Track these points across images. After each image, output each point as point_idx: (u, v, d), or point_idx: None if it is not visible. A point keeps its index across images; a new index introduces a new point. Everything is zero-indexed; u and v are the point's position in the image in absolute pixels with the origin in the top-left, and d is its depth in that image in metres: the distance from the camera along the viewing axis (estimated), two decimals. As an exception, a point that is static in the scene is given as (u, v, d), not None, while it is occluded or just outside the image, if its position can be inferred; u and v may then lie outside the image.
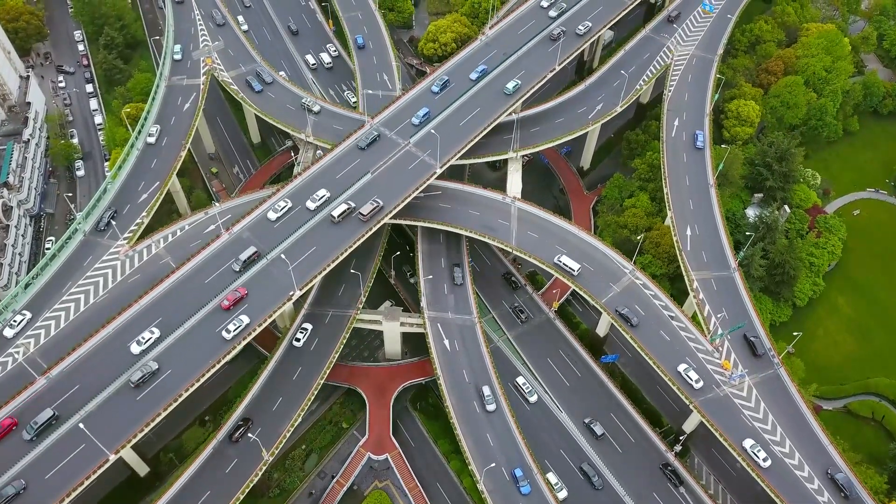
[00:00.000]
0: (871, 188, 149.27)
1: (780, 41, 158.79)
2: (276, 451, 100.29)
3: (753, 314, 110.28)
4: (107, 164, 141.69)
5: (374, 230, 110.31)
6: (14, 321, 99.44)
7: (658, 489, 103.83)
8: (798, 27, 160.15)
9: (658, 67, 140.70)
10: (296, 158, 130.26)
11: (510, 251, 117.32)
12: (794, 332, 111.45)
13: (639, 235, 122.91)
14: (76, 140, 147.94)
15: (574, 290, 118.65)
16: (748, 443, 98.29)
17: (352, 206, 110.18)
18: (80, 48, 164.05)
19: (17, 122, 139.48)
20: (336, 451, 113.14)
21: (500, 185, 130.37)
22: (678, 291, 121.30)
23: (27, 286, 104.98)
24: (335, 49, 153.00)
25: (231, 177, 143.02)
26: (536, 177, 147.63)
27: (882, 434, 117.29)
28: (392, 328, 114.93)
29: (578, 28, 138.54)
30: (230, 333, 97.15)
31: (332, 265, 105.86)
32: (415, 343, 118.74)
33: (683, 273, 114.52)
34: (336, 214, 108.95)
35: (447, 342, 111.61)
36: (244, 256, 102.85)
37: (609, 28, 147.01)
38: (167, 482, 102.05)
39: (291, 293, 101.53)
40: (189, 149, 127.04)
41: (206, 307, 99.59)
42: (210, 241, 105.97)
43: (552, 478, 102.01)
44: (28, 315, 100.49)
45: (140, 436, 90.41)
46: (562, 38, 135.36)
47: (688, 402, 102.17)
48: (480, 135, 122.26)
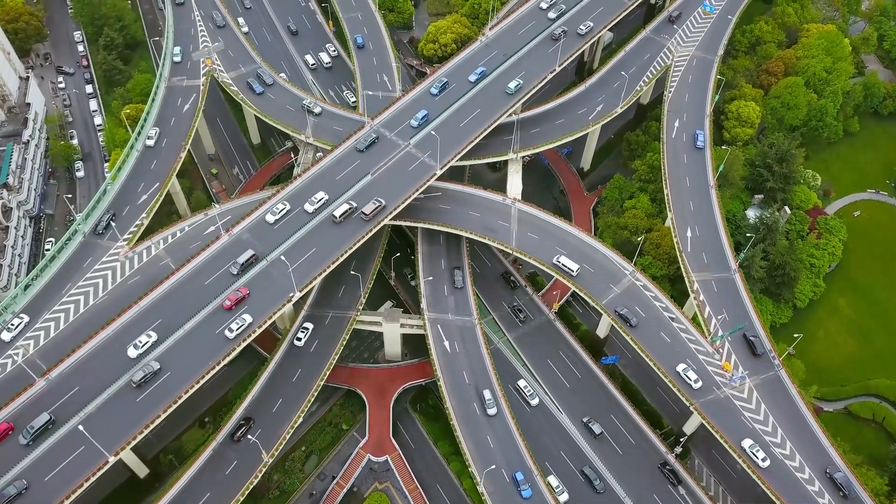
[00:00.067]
0: (872, 189, 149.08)
1: (781, 42, 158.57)
2: (276, 453, 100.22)
3: (754, 316, 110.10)
4: (106, 165, 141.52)
5: (375, 231, 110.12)
6: (11, 325, 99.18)
7: (658, 492, 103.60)
8: (798, 28, 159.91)
9: (658, 68, 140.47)
10: (296, 159, 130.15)
11: (510, 252, 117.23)
12: (795, 334, 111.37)
13: (639, 237, 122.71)
14: (76, 141, 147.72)
15: (574, 292, 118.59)
16: (747, 443, 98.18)
17: (353, 206, 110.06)
18: (80, 49, 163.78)
19: (17, 123, 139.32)
20: (336, 453, 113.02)
21: (501, 187, 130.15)
22: (678, 293, 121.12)
23: (27, 288, 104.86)
24: (334, 49, 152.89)
25: (231, 178, 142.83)
26: (537, 178, 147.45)
27: (883, 435, 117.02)
28: (392, 329, 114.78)
29: (580, 28, 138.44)
30: (233, 332, 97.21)
31: (334, 265, 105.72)
32: (415, 344, 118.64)
33: (684, 274, 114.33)
34: (338, 214, 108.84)
35: (447, 343, 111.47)
36: (242, 259, 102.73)
37: (609, 29, 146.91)
38: (167, 484, 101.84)
39: (291, 294, 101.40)
40: (189, 150, 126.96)
41: (208, 307, 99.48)
42: (210, 243, 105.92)
43: (553, 481, 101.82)
44: (25, 318, 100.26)
45: (140, 438, 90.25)
46: (562, 39, 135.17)
47: (688, 404, 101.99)
48: (481, 135, 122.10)
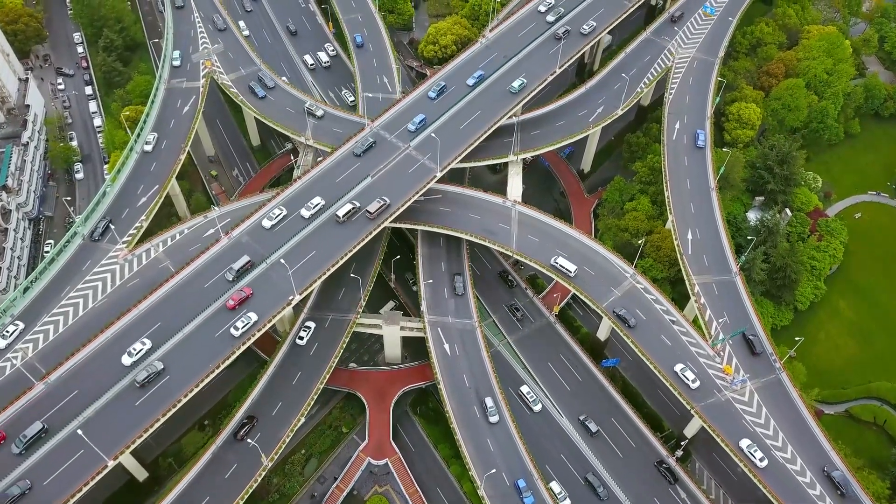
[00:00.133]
0: (873, 191, 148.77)
1: (781, 43, 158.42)
2: (276, 457, 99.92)
3: (755, 318, 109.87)
4: (106, 167, 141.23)
5: (378, 231, 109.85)
6: (6, 332, 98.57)
7: (659, 495, 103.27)
8: (799, 29, 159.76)
9: (659, 70, 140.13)
10: (295, 161, 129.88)
11: (510, 255, 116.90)
12: (796, 337, 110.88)
13: (640, 239, 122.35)
14: (75, 143, 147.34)
15: (575, 294, 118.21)
16: (745, 443, 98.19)
17: (357, 206, 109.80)
18: (80, 50, 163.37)
19: (16, 125, 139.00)
20: (336, 456, 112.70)
21: (501, 188, 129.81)
22: (679, 295, 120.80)
23: (26, 290, 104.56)
24: (333, 49, 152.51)
25: (231, 179, 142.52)
26: (537, 180, 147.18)
27: (884, 439, 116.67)
28: (392, 332, 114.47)
29: (582, 28, 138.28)
30: (238, 330, 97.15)
31: (335, 266, 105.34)
32: (415, 347, 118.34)
33: (684, 277, 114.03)
34: (341, 214, 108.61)
35: (447, 346, 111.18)
36: (237, 266, 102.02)
37: (608, 32, 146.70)
38: (166, 487, 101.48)
39: (291, 297, 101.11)
40: (189, 152, 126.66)
41: (211, 307, 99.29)
42: (209, 246, 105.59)
43: (555, 487, 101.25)
44: (21, 325, 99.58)
45: (139, 441, 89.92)
46: (563, 40, 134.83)
47: (689, 407, 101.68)
48: (481, 137, 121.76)
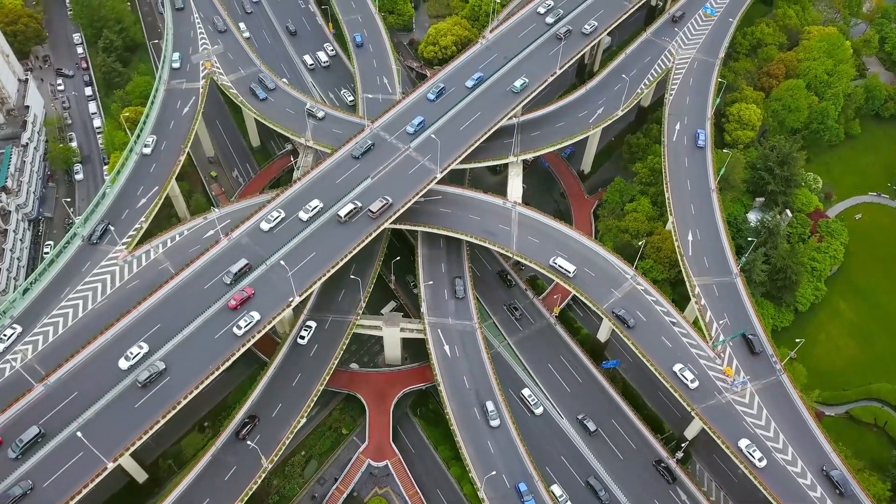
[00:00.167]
0: (873, 192, 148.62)
1: (782, 44, 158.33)
2: (276, 458, 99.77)
3: (755, 320, 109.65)
4: (105, 168, 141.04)
5: (375, 234, 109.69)
6: (3, 335, 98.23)
7: (660, 497, 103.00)
8: (799, 30, 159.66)
9: (659, 71, 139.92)
10: (295, 162, 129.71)
11: (511, 256, 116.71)
12: (797, 339, 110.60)
13: (640, 240, 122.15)
14: (75, 143, 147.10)
15: (575, 295, 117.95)
16: (744, 443, 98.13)
17: (358, 206, 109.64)
18: (79, 51, 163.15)
19: (16, 126, 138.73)
20: (336, 458, 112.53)
21: (501, 189, 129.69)
22: (679, 296, 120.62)
23: (25, 292, 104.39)
24: (332, 48, 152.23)
25: (230, 180, 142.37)
26: (537, 180, 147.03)
27: (885, 440, 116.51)
28: (392, 334, 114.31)
29: (584, 27, 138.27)
30: (241, 330, 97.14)
31: (337, 267, 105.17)
32: (415, 348, 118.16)
33: (685, 278, 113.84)
34: (343, 214, 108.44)
35: (447, 348, 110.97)
36: (235, 269, 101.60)
37: (607, 34, 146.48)
38: (166, 489, 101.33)
39: (291, 299, 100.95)
40: (188, 152, 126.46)
41: (213, 307, 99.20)
42: (209, 247, 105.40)
43: (557, 490, 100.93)
44: (18, 329, 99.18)
45: (139, 443, 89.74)
46: (563, 41, 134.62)
47: (689, 409, 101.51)
48: (482, 138, 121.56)
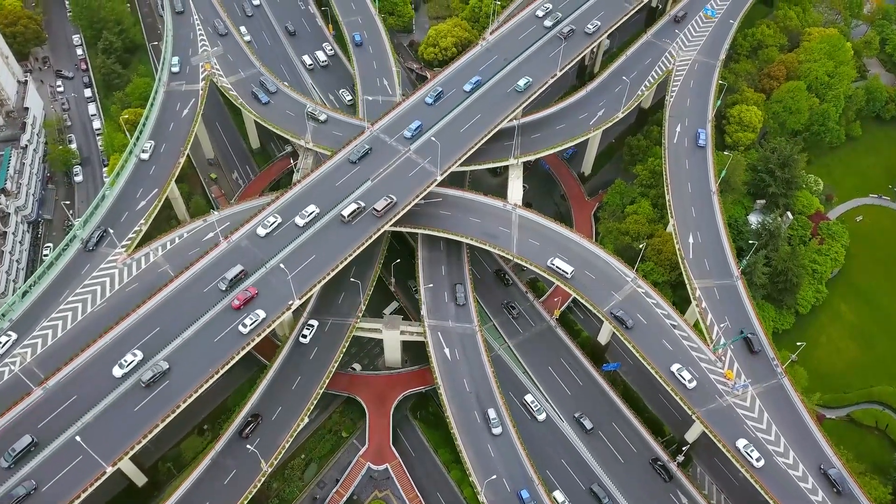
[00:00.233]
0: (874, 194, 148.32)
1: (783, 46, 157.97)
2: (276, 462, 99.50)
3: (756, 323, 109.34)
4: (105, 170, 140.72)
5: (378, 236, 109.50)
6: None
7: (662, 502, 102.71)
8: (800, 31, 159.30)
9: (660, 73, 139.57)
10: (295, 164, 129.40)
11: (511, 259, 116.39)
12: (798, 342, 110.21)
13: (641, 243, 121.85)
14: (74, 145, 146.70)
15: (576, 298, 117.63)
16: (741, 442, 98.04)
17: (361, 206, 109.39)
18: (79, 52, 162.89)
19: (15, 128, 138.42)
20: (336, 461, 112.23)
21: (502, 191, 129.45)
22: (680, 299, 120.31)
23: (24, 294, 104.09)
24: (331, 48, 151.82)
25: (230, 182, 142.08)
26: (537, 183, 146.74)
27: (886, 443, 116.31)
28: (392, 336, 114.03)
29: (587, 27, 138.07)
30: (247, 327, 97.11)
31: (338, 269, 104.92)
32: (415, 351, 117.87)
33: (686, 281, 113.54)
34: (346, 214, 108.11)
35: (447, 351, 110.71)
36: (231, 275, 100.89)
37: (606, 37, 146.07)
38: (165, 493, 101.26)
39: (291, 302, 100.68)
40: (188, 154, 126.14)
41: (216, 308, 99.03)
42: (208, 250, 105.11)
43: (559, 496, 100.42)
44: (14, 336, 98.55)
45: (138, 447, 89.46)
46: (564, 42, 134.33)
47: (690, 413, 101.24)
48: (483, 139, 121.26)
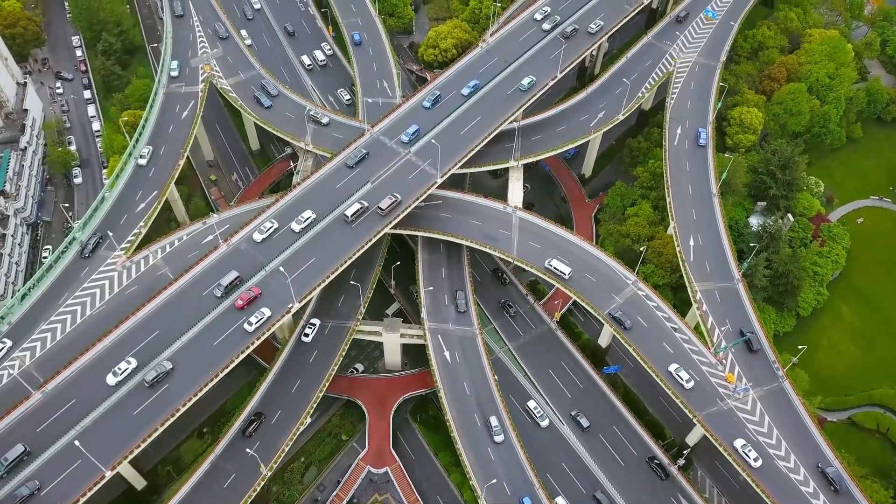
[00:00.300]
0: (875, 196, 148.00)
1: (783, 47, 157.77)
2: (275, 465, 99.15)
3: (757, 326, 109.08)
4: (104, 172, 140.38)
5: (380, 236, 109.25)
6: None
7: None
8: (801, 33, 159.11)
9: (660, 75, 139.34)
10: (295, 167, 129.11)
11: (511, 262, 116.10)
12: (800, 346, 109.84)
13: (641, 245, 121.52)
14: (74, 147, 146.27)
15: (576, 300, 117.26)
16: (739, 442, 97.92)
17: (365, 206, 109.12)
18: (78, 54, 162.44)
19: (14, 130, 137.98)
20: (336, 464, 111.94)
21: (502, 193, 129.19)
22: (681, 301, 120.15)
23: (23, 297, 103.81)
24: (330, 48, 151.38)
25: (230, 184, 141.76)
26: (538, 184, 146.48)
27: (887, 446, 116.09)
28: (392, 339, 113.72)
29: (590, 27, 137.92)
30: (252, 325, 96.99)
31: (338, 271, 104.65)
32: (415, 353, 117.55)
33: (686, 285, 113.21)
34: (349, 213, 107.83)
35: (448, 354, 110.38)
36: (226, 281, 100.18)
37: (606, 39, 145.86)
38: (165, 496, 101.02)
39: (290, 305, 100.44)
40: (188, 156, 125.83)
41: (218, 308, 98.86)
42: (207, 253, 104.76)
43: (561, 502, 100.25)
44: (9, 343, 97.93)
45: (137, 451, 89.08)
46: (564, 44, 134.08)
47: (691, 416, 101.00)
48: (484, 141, 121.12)
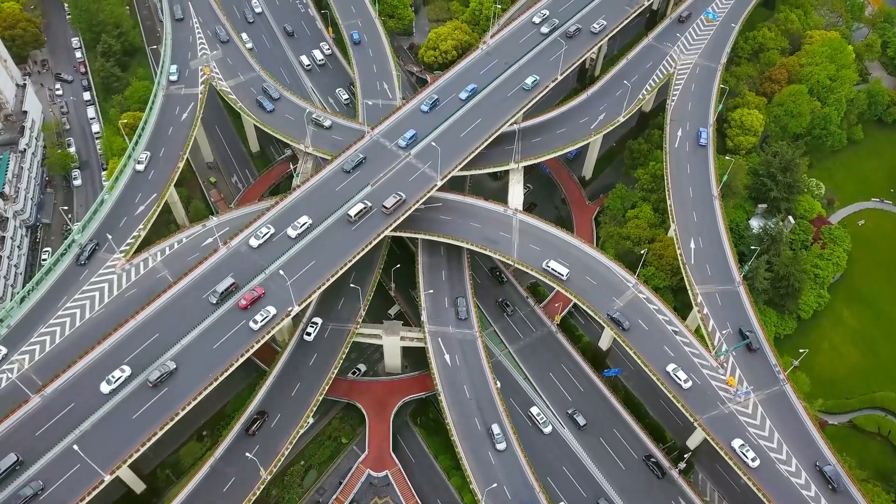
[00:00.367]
0: (876, 198, 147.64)
1: (784, 49, 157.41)
2: (275, 469, 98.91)
3: (758, 328, 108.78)
4: (104, 174, 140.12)
5: (381, 237, 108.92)
6: None
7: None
8: (801, 35, 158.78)
9: (661, 77, 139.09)
10: (294, 168, 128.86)
11: (511, 264, 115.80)
12: (801, 349, 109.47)
13: (642, 248, 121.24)
14: (73, 149, 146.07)
15: (576, 303, 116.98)
16: (737, 442, 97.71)
17: (368, 206, 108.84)
18: (78, 55, 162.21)
19: (14, 132, 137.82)
20: (335, 467, 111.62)
21: (502, 195, 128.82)
22: (682, 304, 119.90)
23: (22, 300, 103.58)
24: (328, 47, 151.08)
25: (230, 186, 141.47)
26: (538, 186, 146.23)
27: (888, 449, 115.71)
28: (392, 342, 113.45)
29: (593, 26, 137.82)
30: (258, 324, 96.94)
31: (338, 274, 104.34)
32: (415, 356, 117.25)
33: (687, 287, 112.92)
34: (353, 213, 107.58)
35: (448, 357, 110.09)
36: (221, 288, 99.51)
37: (606, 41, 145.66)
38: (164, 500, 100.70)
39: (290, 308, 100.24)
40: (187, 158, 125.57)
41: (221, 309, 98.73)
42: (207, 256, 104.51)
43: None
44: (3, 350, 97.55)
45: (136, 455, 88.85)
46: (565, 45, 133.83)
47: (692, 419, 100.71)
48: (484, 144, 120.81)
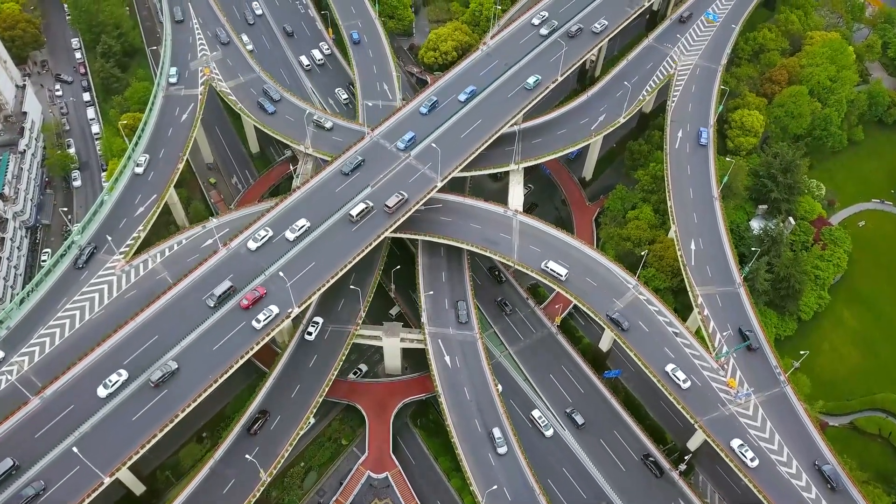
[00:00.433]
0: (877, 199, 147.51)
1: (784, 50, 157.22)
2: (275, 471, 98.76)
3: (759, 330, 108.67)
4: (104, 175, 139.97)
5: (381, 238, 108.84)
6: None
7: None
8: (802, 35, 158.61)
9: (661, 78, 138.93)
10: (294, 170, 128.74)
11: (511, 265, 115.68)
12: (801, 351, 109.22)
13: (642, 249, 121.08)
14: (73, 150, 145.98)
15: (576, 304, 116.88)
16: (736, 442, 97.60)
17: (370, 206, 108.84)
18: (78, 56, 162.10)
19: (13, 133, 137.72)
20: (335, 469, 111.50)
21: (502, 196, 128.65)
22: (682, 305, 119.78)
23: (22, 301, 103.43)
24: (328, 47, 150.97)
25: (229, 187, 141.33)
26: (538, 187, 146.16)
27: (889, 451, 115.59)
28: (392, 344, 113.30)
29: (594, 26, 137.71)
30: (261, 323, 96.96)
31: (343, 271, 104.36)
32: (416, 357, 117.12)
33: (688, 289, 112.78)
34: (355, 213, 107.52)
35: (448, 358, 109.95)
36: (219, 291, 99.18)
37: (606, 42, 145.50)
38: (164, 501, 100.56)
39: (290, 310, 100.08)
40: (187, 159, 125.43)
41: (222, 309, 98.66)
42: (206, 258, 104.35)
43: None
44: (1, 354, 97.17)
45: (136, 457, 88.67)
46: (565, 46, 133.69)
47: (692, 421, 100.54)
48: (484, 145, 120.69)
